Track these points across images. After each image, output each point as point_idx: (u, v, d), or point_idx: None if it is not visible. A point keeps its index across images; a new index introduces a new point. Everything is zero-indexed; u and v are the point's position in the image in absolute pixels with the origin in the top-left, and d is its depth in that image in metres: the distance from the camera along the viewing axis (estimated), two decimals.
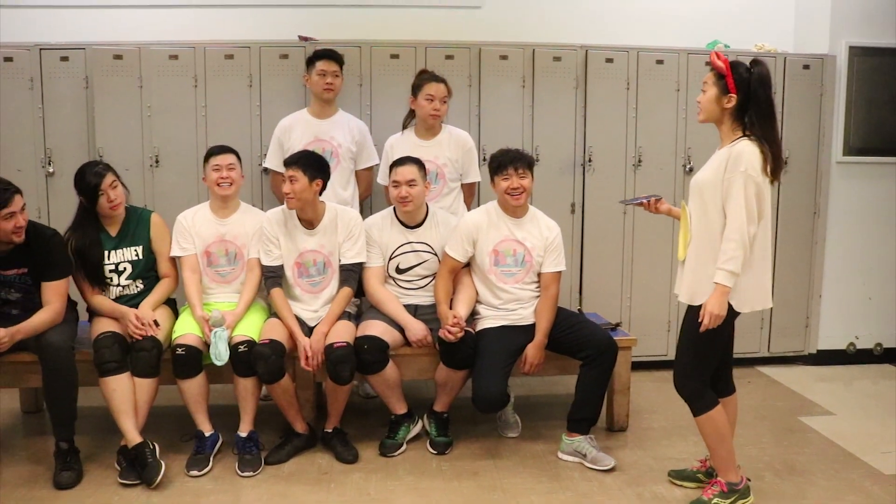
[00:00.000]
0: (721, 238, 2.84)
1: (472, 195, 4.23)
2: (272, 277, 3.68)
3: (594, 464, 3.47)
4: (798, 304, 5.00)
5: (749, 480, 3.12)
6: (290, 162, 3.60)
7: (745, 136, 2.85)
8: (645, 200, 3.36)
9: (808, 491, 3.29)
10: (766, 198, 2.86)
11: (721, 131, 2.95)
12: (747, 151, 2.80)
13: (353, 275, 3.72)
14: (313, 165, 3.59)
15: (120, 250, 3.63)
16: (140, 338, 3.42)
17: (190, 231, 3.71)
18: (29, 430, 4.00)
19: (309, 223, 3.70)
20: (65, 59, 4.40)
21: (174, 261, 3.74)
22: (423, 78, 4.02)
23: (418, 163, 3.70)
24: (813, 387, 4.65)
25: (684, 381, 3.04)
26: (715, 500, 3.01)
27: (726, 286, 2.82)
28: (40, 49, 4.39)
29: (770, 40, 4.97)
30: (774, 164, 2.85)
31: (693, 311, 2.94)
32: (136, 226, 3.68)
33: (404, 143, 4.05)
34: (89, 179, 3.50)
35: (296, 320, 3.61)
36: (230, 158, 3.71)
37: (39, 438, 3.79)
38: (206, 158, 3.74)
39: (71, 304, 3.59)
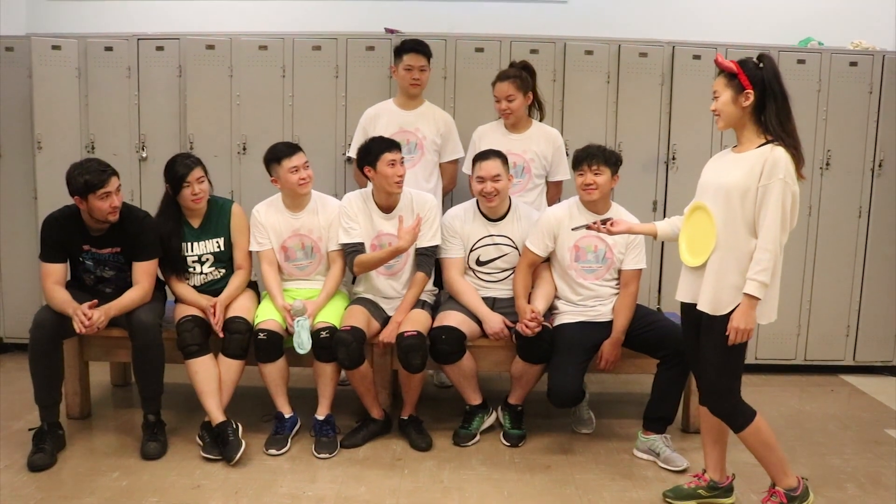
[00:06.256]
0: (746, 246, 2.73)
1: (558, 194, 4.14)
2: (353, 252, 3.70)
3: (667, 464, 3.44)
4: (887, 313, 4.78)
5: (805, 479, 2.98)
6: (396, 145, 3.67)
7: (769, 140, 2.74)
8: (591, 223, 3.25)
9: None
10: (798, 205, 2.75)
11: (743, 136, 2.83)
12: (784, 158, 2.69)
13: (428, 259, 3.75)
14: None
15: (202, 242, 3.73)
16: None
17: (265, 226, 3.75)
18: (118, 402, 4.17)
19: (386, 208, 3.75)
20: (160, 48, 4.55)
21: (250, 252, 3.80)
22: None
23: (502, 156, 3.69)
24: None
25: (717, 401, 2.90)
26: None
27: (757, 298, 2.70)
28: (138, 39, 4.56)
29: (868, 38, 4.78)
30: (800, 164, 2.74)
31: (717, 324, 2.79)
32: (217, 217, 3.76)
33: (492, 134, 4.02)
34: (178, 169, 3.60)
35: None
36: (303, 156, 3.69)
37: (128, 410, 3.97)
38: (278, 161, 3.64)
39: (159, 284, 3.72)
